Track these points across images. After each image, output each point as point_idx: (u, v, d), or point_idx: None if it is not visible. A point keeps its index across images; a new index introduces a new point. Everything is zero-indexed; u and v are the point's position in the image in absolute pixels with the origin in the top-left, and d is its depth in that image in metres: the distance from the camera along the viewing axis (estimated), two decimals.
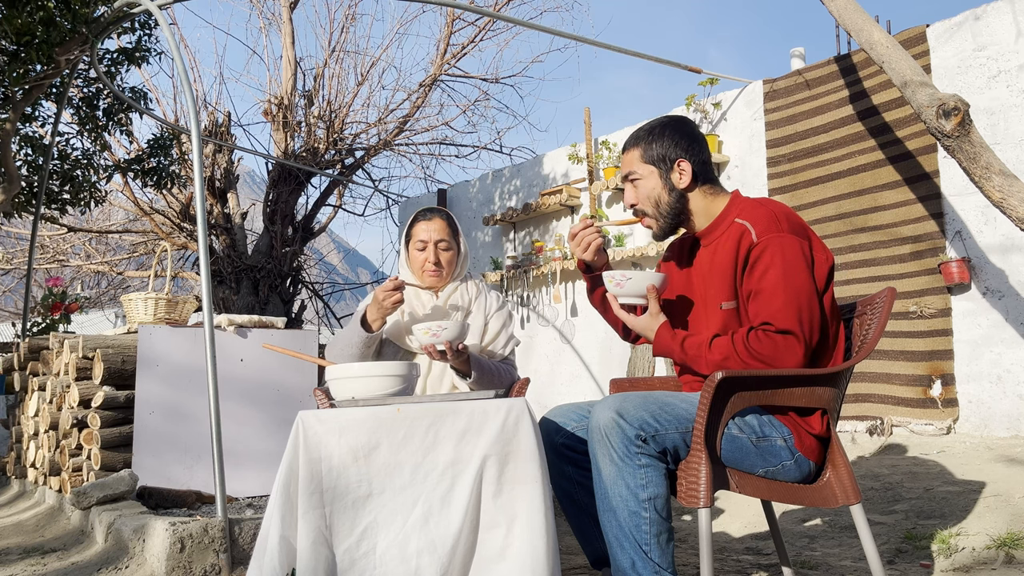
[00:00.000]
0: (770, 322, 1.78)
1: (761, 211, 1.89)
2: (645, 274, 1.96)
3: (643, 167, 2.00)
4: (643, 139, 2.01)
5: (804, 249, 1.83)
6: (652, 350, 1.99)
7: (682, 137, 1.99)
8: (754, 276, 1.83)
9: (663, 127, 2.01)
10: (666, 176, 1.99)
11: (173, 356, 3.39)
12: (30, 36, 4.10)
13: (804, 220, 1.94)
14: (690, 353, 1.87)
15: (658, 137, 1.99)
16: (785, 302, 1.77)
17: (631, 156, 2.03)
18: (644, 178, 2.01)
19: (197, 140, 3.01)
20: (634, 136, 2.04)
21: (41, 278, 9.97)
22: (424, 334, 2.12)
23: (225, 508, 2.55)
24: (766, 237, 1.83)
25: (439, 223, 2.50)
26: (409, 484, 1.72)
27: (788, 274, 1.79)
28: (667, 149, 1.98)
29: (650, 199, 2.01)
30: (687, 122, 2.04)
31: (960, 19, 4.53)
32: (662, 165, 1.99)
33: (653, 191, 2.00)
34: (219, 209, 7.91)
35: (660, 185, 1.99)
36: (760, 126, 5.38)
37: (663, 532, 1.74)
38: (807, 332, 1.77)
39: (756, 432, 1.82)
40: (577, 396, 6.23)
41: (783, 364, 1.76)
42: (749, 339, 1.79)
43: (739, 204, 1.97)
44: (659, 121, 2.04)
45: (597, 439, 1.77)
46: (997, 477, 3.21)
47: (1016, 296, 4.17)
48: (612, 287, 1.98)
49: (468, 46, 8.52)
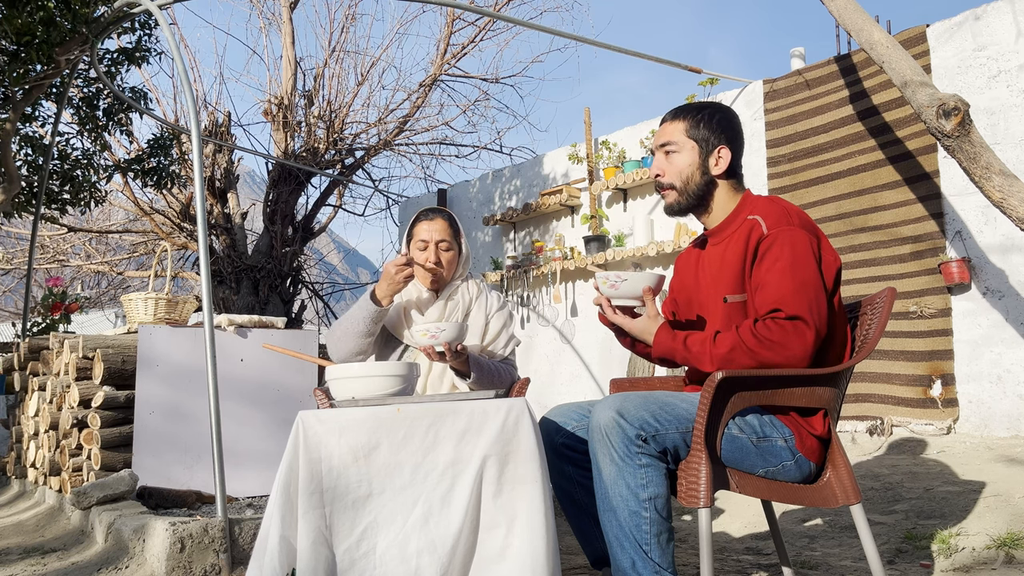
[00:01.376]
0: (779, 308, 1.76)
1: (773, 207, 1.89)
2: (641, 274, 1.90)
3: (684, 140, 1.97)
4: (692, 114, 1.98)
5: (813, 245, 1.83)
6: (652, 353, 1.93)
7: (729, 126, 1.98)
8: (763, 267, 1.82)
9: (715, 111, 1.99)
10: (704, 157, 1.97)
11: (173, 356, 3.39)
12: (30, 36, 4.10)
13: (814, 222, 1.93)
14: (693, 351, 1.82)
15: (708, 118, 1.97)
16: (794, 289, 1.76)
17: (674, 127, 1.99)
18: (681, 151, 1.97)
19: (197, 140, 3.01)
20: (682, 109, 2.01)
21: (41, 278, 9.97)
22: (422, 336, 2.12)
23: (225, 508, 2.55)
24: (776, 230, 1.82)
25: (441, 223, 2.50)
26: (409, 484, 1.72)
27: (797, 265, 1.78)
28: (713, 132, 1.96)
29: (682, 174, 1.97)
30: (736, 115, 2.03)
31: (960, 19, 4.53)
32: (704, 145, 1.96)
33: (688, 167, 1.97)
34: (219, 209, 7.91)
35: (696, 163, 1.96)
36: (760, 126, 5.37)
37: (663, 532, 1.74)
38: (816, 319, 1.75)
39: (757, 432, 1.81)
40: (577, 396, 6.23)
41: (792, 350, 1.73)
42: (756, 327, 1.76)
43: (751, 201, 1.97)
44: (711, 104, 2.03)
45: (598, 439, 1.77)
46: (997, 477, 3.21)
47: (1016, 296, 4.17)
48: (606, 288, 1.91)
49: (468, 46, 8.52)
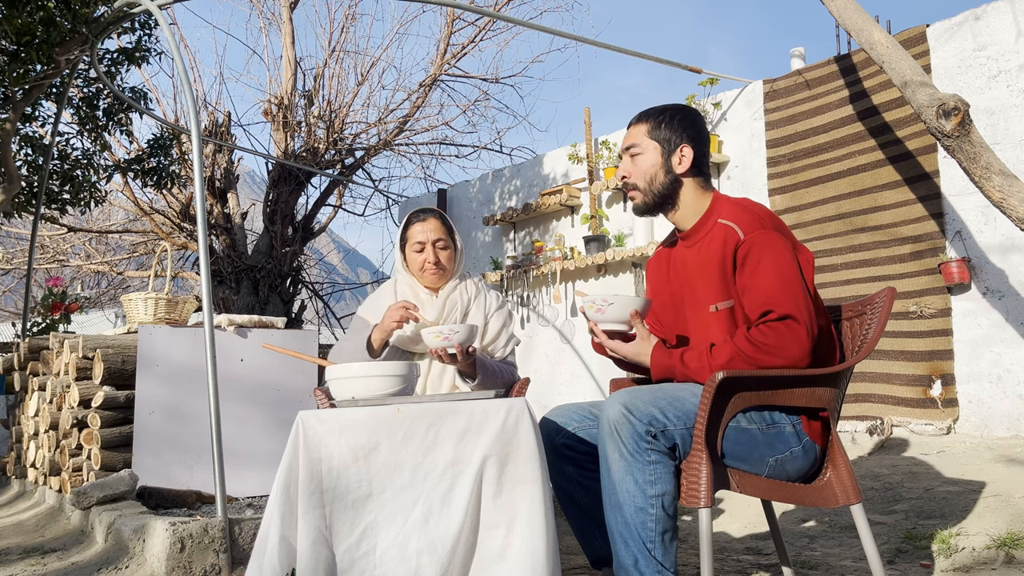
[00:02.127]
0: (770, 309, 1.78)
1: (745, 213, 1.93)
2: (627, 298, 1.88)
3: (647, 142, 2.02)
4: (653, 117, 2.04)
5: (788, 245, 1.87)
6: (651, 375, 1.93)
7: (691, 125, 2.02)
8: (745, 272, 1.85)
9: (675, 111, 2.04)
10: (667, 156, 2.01)
11: (173, 356, 3.39)
12: (30, 36, 4.10)
13: (783, 222, 1.96)
14: (692, 365, 1.84)
15: (668, 119, 2.02)
16: (780, 288, 1.79)
17: (637, 130, 2.05)
18: (645, 153, 2.02)
19: (197, 140, 3.01)
20: (644, 112, 2.07)
21: (41, 278, 9.97)
22: (435, 338, 2.08)
23: (225, 508, 2.55)
24: (752, 234, 1.86)
25: (434, 223, 2.49)
26: (409, 484, 1.72)
27: (779, 264, 1.82)
28: (674, 132, 2.01)
29: (646, 175, 2.02)
30: (698, 114, 2.07)
31: (960, 19, 4.53)
32: (666, 145, 2.01)
33: (651, 168, 2.01)
34: (219, 209, 7.90)
35: (659, 163, 2.01)
36: (760, 126, 5.37)
37: (668, 531, 1.74)
38: (807, 317, 1.77)
39: (765, 420, 1.83)
40: (577, 396, 6.23)
41: (790, 351, 1.75)
42: (751, 334, 1.78)
43: (722, 205, 1.99)
44: (672, 105, 2.08)
45: (607, 433, 1.77)
46: (997, 477, 3.21)
47: (1016, 296, 4.17)
48: (593, 313, 1.90)
49: (468, 46, 8.52)
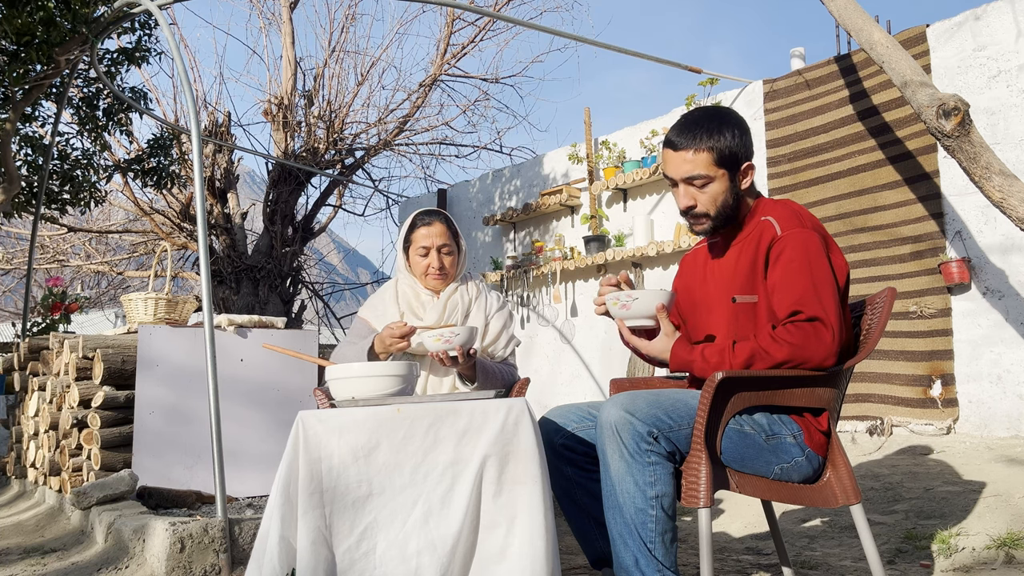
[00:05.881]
0: (799, 309, 1.76)
1: (785, 209, 1.90)
2: (652, 292, 1.83)
3: (714, 170, 1.87)
4: (712, 138, 1.86)
5: (823, 247, 1.84)
6: (669, 367, 1.89)
7: (744, 135, 1.89)
8: (777, 270, 1.82)
9: (729, 125, 1.88)
10: (734, 179, 1.89)
11: (173, 356, 3.39)
12: (30, 36, 4.10)
13: (825, 227, 1.93)
14: (712, 361, 1.79)
15: (728, 138, 1.87)
16: (811, 290, 1.77)
17: (699, 159, 1.86)
18: (714, 181, 1.88)
19: (197, 140, 3.01)
20: (695, 136, 1.87)
21: (41, 278, 9.97)
22: (436, 341, 2.08)
23: (225, 508, 2.55)
24: (789, 231, 1.83)
25: (439, 227, 2.48)
26: (409, 484, 1.72)
27: (812, 265, 1.79)
28: (736, 150, 1.87)
29: (715, 202, 1.89)
30: (742, 119, 1.92)
31: (960, 19, 4.53)
32: (733, 168, 1.88)
33: (721, 195, 1.89)
34: (219, 209, 7.91)
35: (727, 188, 1.89)
36: (760, 126, 5.37)
37: (668, 531, 1.74)
38: (835, 321, 1.74)
39: (766, 431, 1.82)
40: (577, 396, 6.23)
41: (814, 352, 1.73)
42: (776, 332, 1.76)
43: (765, 204, 1.96)
44: (719, 118, 1.90)
45: (608, 435, 1.77)
46: (997, 477, 3.21)
47: (1016, 296, 4.17)
48: (617, 309, 1.84)
49: (468, 46, 8.52)
